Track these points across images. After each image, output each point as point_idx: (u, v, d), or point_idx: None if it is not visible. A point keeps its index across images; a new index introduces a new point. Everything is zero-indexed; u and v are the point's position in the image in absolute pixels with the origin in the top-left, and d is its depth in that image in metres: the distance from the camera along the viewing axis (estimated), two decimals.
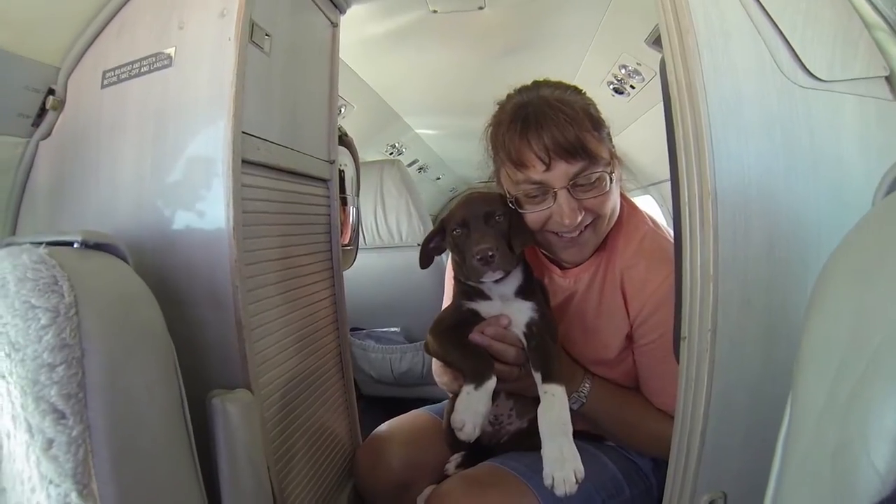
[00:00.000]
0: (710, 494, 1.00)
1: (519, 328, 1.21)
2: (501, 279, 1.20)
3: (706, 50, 0.94)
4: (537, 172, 1.18)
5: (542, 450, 1.04)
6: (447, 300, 1.45)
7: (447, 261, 1.37)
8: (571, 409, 1.18)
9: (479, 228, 1.18)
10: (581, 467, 1.02)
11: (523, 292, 1.23)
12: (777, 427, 0.64)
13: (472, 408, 1.09)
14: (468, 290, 1.26)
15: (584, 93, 1.31)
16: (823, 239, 0.94)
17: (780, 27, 0.97)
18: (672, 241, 1.27)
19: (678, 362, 1.01)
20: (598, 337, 1.33)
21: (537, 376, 1.14)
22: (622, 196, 1.35)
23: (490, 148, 1.33)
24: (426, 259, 1.33)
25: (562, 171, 1.18)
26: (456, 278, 1.30)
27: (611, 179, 1.22)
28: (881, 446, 0.41)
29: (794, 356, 0.59)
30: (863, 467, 0.42)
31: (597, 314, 1.33)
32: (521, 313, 1.21)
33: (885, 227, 0.53)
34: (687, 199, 0.96)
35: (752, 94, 0.96)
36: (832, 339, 0.52)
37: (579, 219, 1.20)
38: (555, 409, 1.08)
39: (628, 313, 1.29)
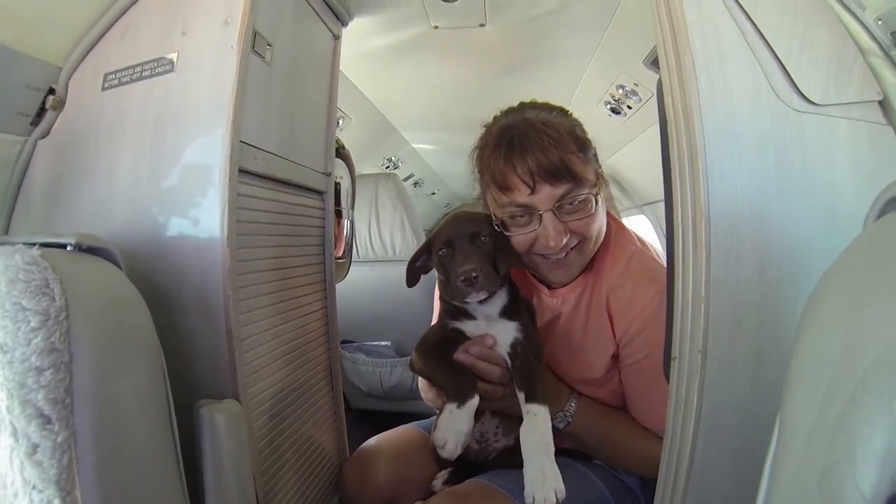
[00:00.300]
0: None
1: (504, 348, 1.21)
2: (486, 299, 1.20)
3: (703, 72, 0.96)
4: (522, 196, 1.19)
5: (524, 469, 1.04)
6: (437, 316, 1.45)
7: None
8: (557, 429, 1.19)
9: (464, 249, 1.18)
10: (562, 487, 1.01)
11: (508, 312, 1.23)
12: (765, 448, 0.64)
13: (455, 426, 1.08)
14: (453, 309, 1.26)
15: (571, 114, 1.31)
16: (815, 261, 0.95)
17: (776, 51, 0.99)
18: (659, 261, 1.29)
19: (668, 382, 1.02)
20: (584, 356, 1.33)
21: (521, 396, 1.14)
22: (609, 216, 1.35)
23: (476, 170, 1.33)
24: (413, 278, 1.33)
25: (547, 194, 1.18)
26: (441, 297, 1.30)
27: (596, 201, 1.22)
28: (867, 469, 0.41)
29: (783, 377, 0.59)
30: (849, 490, 0.42)
31: (583, 334, 1.33)
32: (505, 333, 1.21)
33: (877, 250, 0.53)
34: (680, 221, 0.97)
35: (747, 116, 0.97)
36: (822, 359, 0.52)
37: (565, 241, 1.21)
38: (537, 429, 1.08)
39: (614, 333, 1.29)
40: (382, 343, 3.03)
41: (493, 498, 1.22)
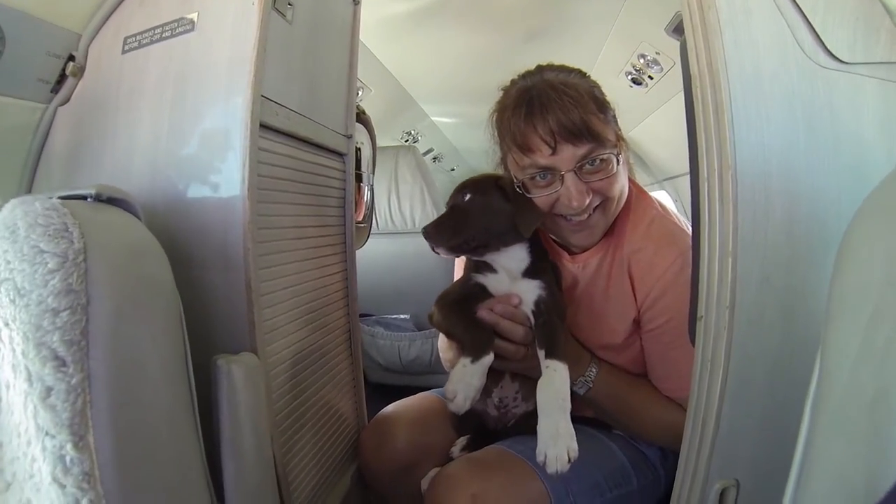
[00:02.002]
0: (723, 482, 0.99)
1: (528, 306, 1.21)
2: (505, 253, 1.23)
3: (728, 26, 0.93)
4: (544, 157, 1.19)
5: (538, 425, 1.04)
6: (457, 275, 1.46)
7: None
8: (577, 395, 1.19)
9: (446, 210, 1.25)
10: (575, 446, 1.01)
11: (532, 271, 1.24)
12: (796, 409, 0.62)
13: (466, 380, 1.09)
14: (477, 263, 1.27)
15: (589, 76, 1.30)
16: (843, 217, 0.91)
17: (802, 7, 0.96)
18: (680, 225, 1.27)
19: (694, 343, 1.00)
20: (605, 321, 1.32)
21: (541, 353, 1.14)
22: (630, 180, 1.34)
23: (496, 134, 1.33)
24: None
25: (568, 154, 1.18)
26: None
27: (618, 161, 1.22)
28: None
29: (813, 335, 0.58)
30: None
31: (604, 298, 1.33)
32: (529, 291, 1.22)
33: None
34: (706, 174, 0.95)
35: (773, 71, 0.95)
36: (865, 284, 0.50)
37: (587, 201, 1.20)
38: (554, 383, 1.08)
39: (636, 298, 1.28)
40: (401, 316, 3.04)
41: (512, 464, 1.22)
